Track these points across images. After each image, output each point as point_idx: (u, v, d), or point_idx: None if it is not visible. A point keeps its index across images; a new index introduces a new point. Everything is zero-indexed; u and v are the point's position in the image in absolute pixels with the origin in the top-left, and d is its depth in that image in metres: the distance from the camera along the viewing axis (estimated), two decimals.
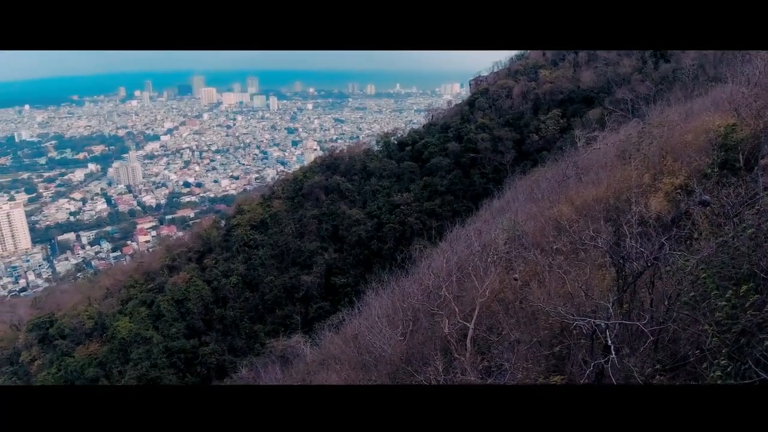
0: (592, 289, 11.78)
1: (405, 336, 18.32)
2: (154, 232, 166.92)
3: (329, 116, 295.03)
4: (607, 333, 9.44)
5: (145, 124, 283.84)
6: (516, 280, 16.73)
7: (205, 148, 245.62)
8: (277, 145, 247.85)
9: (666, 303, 9.95)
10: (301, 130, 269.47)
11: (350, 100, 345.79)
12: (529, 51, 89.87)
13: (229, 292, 60.60)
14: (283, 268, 62.79)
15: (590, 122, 52.14)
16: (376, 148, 76.11)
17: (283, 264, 63.08)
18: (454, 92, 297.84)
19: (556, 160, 41.23)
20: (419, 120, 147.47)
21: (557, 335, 12.27)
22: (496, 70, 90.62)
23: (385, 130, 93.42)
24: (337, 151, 77.04)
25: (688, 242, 12.11)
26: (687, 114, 26.76)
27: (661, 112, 32.00)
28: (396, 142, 74.87)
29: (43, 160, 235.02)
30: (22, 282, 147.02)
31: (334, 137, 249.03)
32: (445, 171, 66.62)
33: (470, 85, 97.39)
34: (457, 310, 15.76)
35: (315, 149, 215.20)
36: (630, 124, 35.56)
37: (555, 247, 17.05)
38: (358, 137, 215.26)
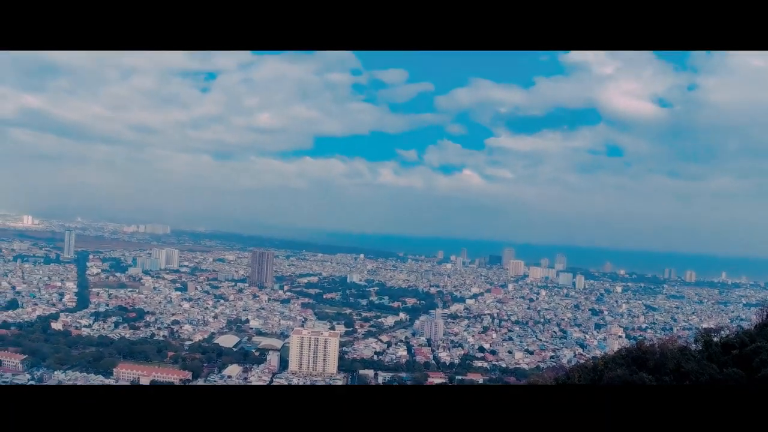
0: None
1: None
2: None
3: (639, 302, 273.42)
4: None
5: (454, 286, 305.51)
6: None
7: (505, 317, 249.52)
8: (578, 325, 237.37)
9: None
10: (606, 313, 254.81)
11: (666, 286, 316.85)
12: None
13: None
14: None
15: None
16: (693, 345, 66.47)
17: None
18: None
19: None
20: (749, 317, 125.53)
21: None
22: None
23: (706, 326, 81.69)
24: (647, 344, 69.09)
25: None
26: None
27: None
28: (719, 341, 64.22)
29: (364, 302, 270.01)
30: None
31: (644, 326, 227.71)
32: None
33: None
34: None
35: (620, 336, 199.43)
36: None
37: None
38: (671, 329, 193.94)
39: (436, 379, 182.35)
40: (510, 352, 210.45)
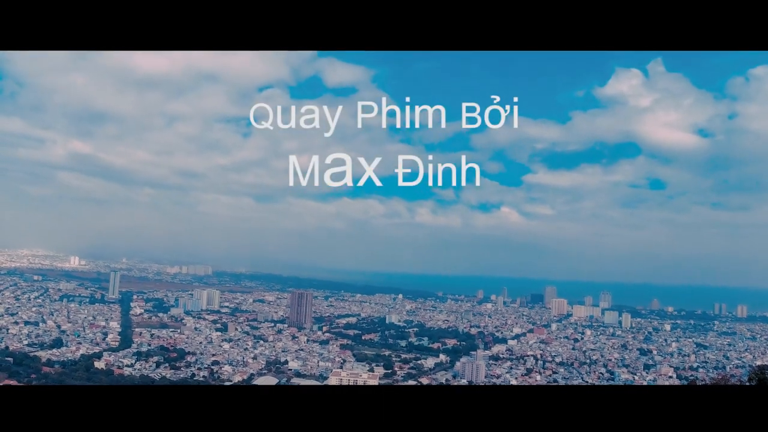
0: None
1: None
2: None
3: (690, 340, 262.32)
4: None
5: (495, 327, 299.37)
6: None
7: (549, 358, 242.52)
8: (626, 366, 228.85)
9: None
10: (655, 352, 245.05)
11: (716, 322, 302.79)
12: None
13: None
14: None
15: None
16: (747, 384, 63.12)
17: None
18: None
19: None
20: None
21: None
22: None
23: (760, 363, 77.76)
24: (699, 384, 66.44)
25: None
26: None
27: None
28: None
29: (403, 343, 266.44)
30: None
31: (695, 365, 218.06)
32: None
33: None
34: None
35: (670, 376, 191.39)
36: None
37: None
38: (724, 368, 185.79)
39: None
40: None
